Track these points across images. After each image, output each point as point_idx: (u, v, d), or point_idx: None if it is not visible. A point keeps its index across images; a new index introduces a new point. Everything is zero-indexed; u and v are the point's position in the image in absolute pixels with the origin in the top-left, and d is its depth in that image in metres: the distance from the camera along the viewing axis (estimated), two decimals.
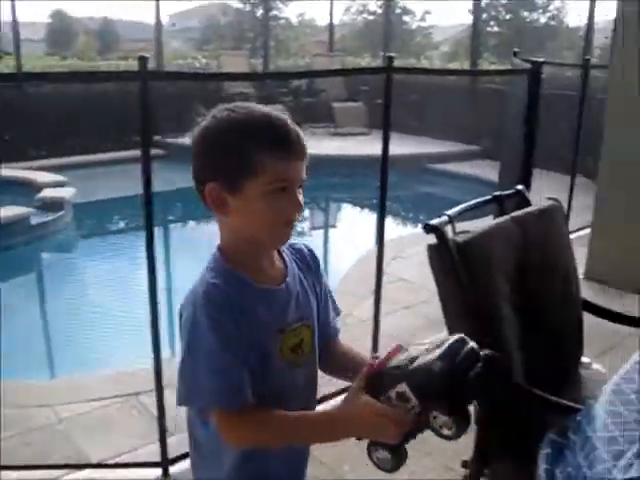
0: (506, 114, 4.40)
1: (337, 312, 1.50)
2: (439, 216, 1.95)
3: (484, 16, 20.79)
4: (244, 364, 1.23)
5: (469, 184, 8.46)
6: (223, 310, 1.23)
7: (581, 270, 4.82)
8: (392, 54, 3.04)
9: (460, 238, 1.88)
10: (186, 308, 1.26)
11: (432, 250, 1.88)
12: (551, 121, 6.60)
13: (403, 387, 1.21)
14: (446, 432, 1.20)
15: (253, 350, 1.26)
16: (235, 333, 1.23)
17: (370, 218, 7.68)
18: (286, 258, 1.38)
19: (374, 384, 1.25)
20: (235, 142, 1.23)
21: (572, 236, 5.62)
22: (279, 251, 1.38)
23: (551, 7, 21.41)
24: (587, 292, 4.48)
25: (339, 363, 1.46)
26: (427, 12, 26.50)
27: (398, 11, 22.69)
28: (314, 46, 17.91)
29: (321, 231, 8.99)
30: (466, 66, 11.39)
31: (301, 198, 1.28)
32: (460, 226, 1.99)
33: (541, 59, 3.80)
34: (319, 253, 1.48)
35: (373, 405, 1.23)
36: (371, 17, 23.51)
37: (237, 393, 1.22)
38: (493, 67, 13.50)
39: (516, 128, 4.02)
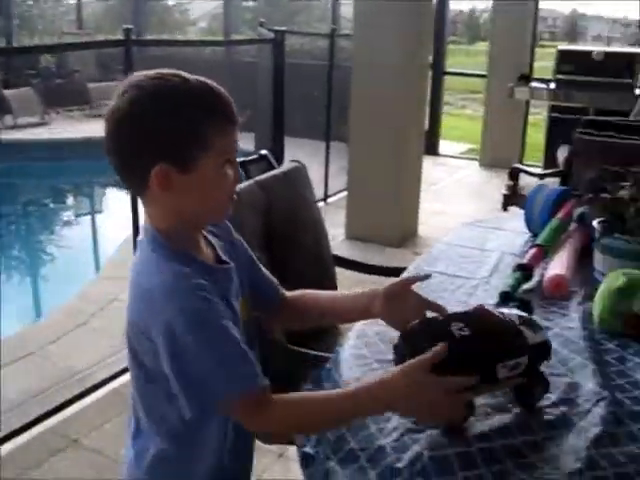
0: (257, 85, 4.47)
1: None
2: None
3: None
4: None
5: None
6: (205, 293, 1.11)
7: (342, 230, 5.07)
8: (129, 26, 2.95)
9: None
10: (159, 311, 1.10)
11: None
12: (307, 90, 6.81)
13: None
14: None
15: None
16: (227, 313, 1.15)
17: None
18: (208, 236, 1.27)
19: None
20: (183, 113, 1.10)
21: (333, 199, 5.92)
22: None
23: None
24: (350, 250, 4.78)
25: (331, 310, 1.43)
26: None
27: None
28: (63, 24, 16.99)
29: (87, 217, 8.67)
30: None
31: None
32: None
33: (283, 28, 3.87)
34: (86, 240, 1.40)
35: (435, 380, 1.12)
36: None
37: (259, 373, 1.13)
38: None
39: (266, 98, 4.10)
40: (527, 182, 4.02)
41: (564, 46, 7.32)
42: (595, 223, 1.78)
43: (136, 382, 1.24)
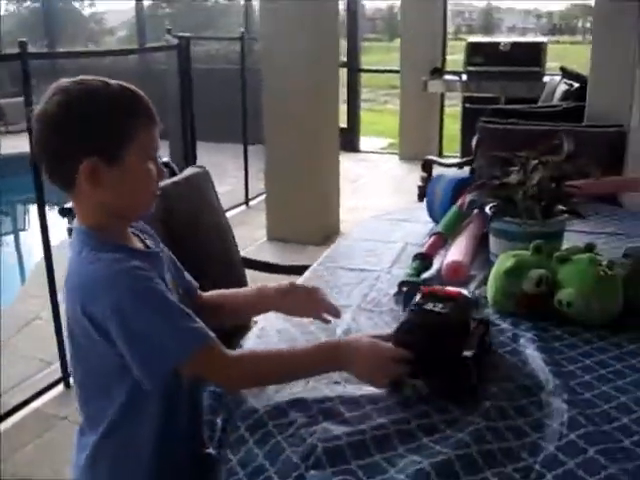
0: (168, 92, 4.42)
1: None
2: None
3: None
4: None
5: None
6: (141, 271, 1.19)
7: (264, 232, 5.06)
8: (24, 39, 2.88)
9: None
10: (102, 296, 1.15)
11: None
12: (224, 95, 6.77)
13: None
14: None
15: None
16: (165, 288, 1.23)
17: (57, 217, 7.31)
18: (136, 232, 1.36)
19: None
20: (107, 112, 1.21)
21: (254, 201, 5.89)
22: None
23: None
24: (271, 251, 4.79)
25: (237, 305, 1.53)
26: None
27: None
28: None
29: (11, 236, 8.44)
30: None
31: None
32: None
33: (188, 34, 3.85)
34: (9, 261, 1.40)
35: (382, 343, 1.27)
36: (36, 4, 22.13)
37: (208, 330, 1.21)
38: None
39: (178, 105, 4.07)
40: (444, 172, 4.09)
41: (473, 39, 7.50)
42: (487, 208, 1.83)
43: (81, 376, 1.30)
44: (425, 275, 1.81)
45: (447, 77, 7.03)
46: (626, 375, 1.32)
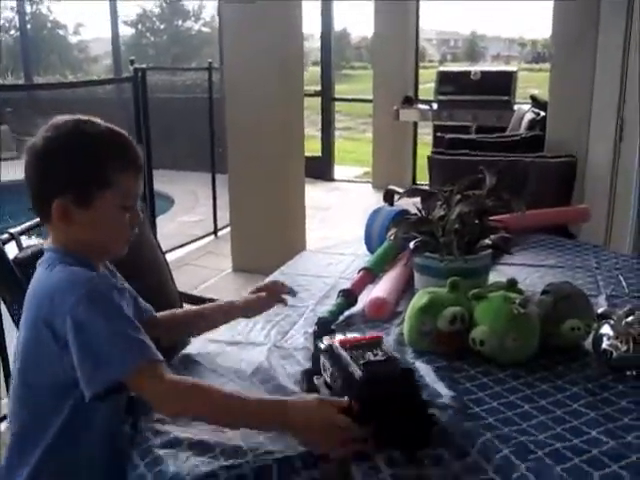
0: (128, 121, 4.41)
1: None
2: None
3: (140, 27, 20.83)
4: None
5: None
6: (102, 283, 1.25)
7: (229, 264, 5.02)
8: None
9: (21, 255, 1.80)
10: (62, 302, 1.18)
11: None
12: (195, 123, 6.78)
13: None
14: None
15: None
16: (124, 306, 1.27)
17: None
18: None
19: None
20: (89, 155, 1.25)
21: (222, 232, 5.86)
22: None
23: (204, 14, 21.97)
24: (234, 282, 4.74)
25: (184, 323, 1.62)
26: (80, 25, 25.58)
27: (49, 25, 21.69)
28: None
29: None
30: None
31: None
32: None
33: (143, 66, 3.84)
34: None
35: (337, 417, 1.14)
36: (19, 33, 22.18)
37: (154, 348, 1.21)
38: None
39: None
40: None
41: (443, 67, 7.55)
42: (411, 243, 1.80)
43: (24, 393, 1.29)
44: (349, 312, 1.77)
45: (419, 106, 7.05)
46: (532, 417, 1.28)
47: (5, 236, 1.88)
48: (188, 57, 20.02)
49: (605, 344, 1.47)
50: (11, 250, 1.83)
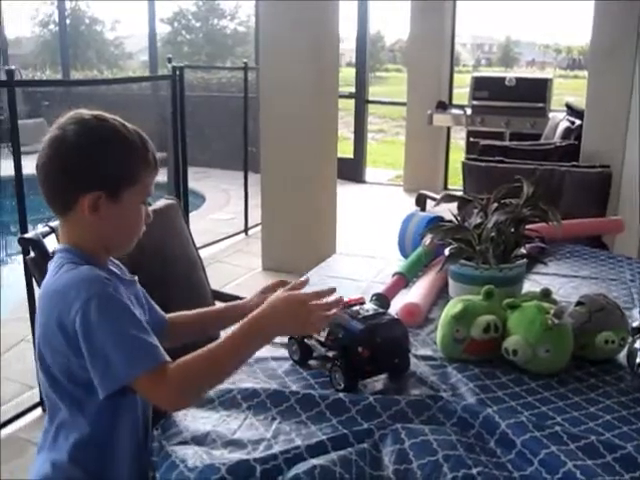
0: (169, 119, 4.45)
1: None
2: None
3: (175, 25, 20.99)
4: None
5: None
6: (112, 283, 1.25)
7: (259, 263, 5.04)
8: (12, 67, 2.90)
9: None
10: (72, 301, 1.19)
11: (32, 263, 1.83)
12: (231, 122, 6.82)
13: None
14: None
15: None
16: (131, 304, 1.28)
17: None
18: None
19: None
20: (121, 153, 1.30)
21: (253, 230, 5.88)
22: None
23: (240, 14, 22.10)
24: (264, 281, 4.75)
25: (205, 323, 1.62)
26: (117, 21, 25.82)
27: (87, 21, 21.93)
28: None
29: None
30: (163, 71, 11.24)
31: None
32: None
33: (181, 64, 3.87)
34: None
35: (289, 294, 1.35)
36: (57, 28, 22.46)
37: (162, 349, 1.23)
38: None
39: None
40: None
41: (477, 73, 7.50)
42: (447, 250, 1.81)
43: (54, 386, 1.30)
44: None
45: (452, 111, 7.03)
46: (563, 429, 1.28)
47: (46, 229, 1.91)
48: (222, 55, 20.15)
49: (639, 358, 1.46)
50: (51, 243, 1.87)
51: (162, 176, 5.70)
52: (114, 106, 1.49)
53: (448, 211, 1.95)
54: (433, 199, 4.30)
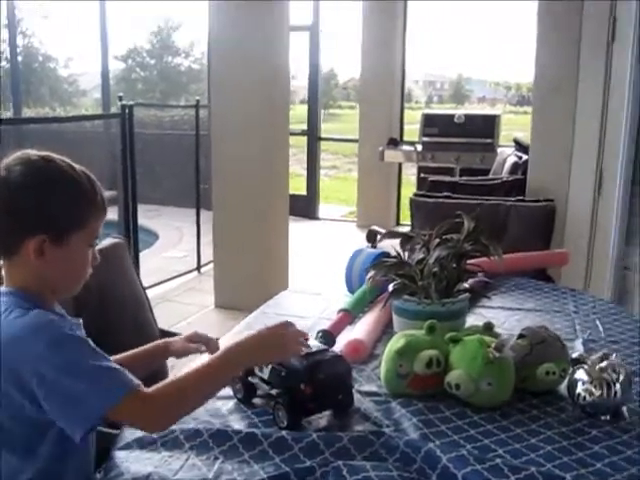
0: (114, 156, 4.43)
1: None
2: None
3: (129, 62, 20.98)
4: None
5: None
6: (65, 324, 1.25)
7: (212, 299, 5.02)
8: None
9: None
10: (27, 350, 1.17)
11: None
12: (181, 159, 6.81)
13: None
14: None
15: None
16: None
17: None
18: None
19: None
20: (70, 195, 1.27)
21: (206, 268, 5.85)
22: None
23: (194, 51, 22.20)
24: (215, 319, 4.74)
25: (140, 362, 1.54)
26: (70, 59, 25.72)
27: (40, 59, 21.81)
28: None
29: None
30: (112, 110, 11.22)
31: None
32: None
33: (131, 102, 3.88)
34: None
35: (267, 327, 1.39)
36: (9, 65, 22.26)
37: (129, 375, 1.22)
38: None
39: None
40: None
41: (428, 110, 7.65)
42: (390, 286, 1.82)
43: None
44: None
45: (404, 147, 7.14)
46: (505, 460, 1.29)
47: None
48: (176, 93, 20.17)
49: (579, 389, 1.48)
50: None
51: (112, 214, 5.67)
52: (66, 144, 1.47)
53: (392, 248, 1.97)
54: (382, 234, 4.34)
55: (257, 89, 4.57)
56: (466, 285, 1.83)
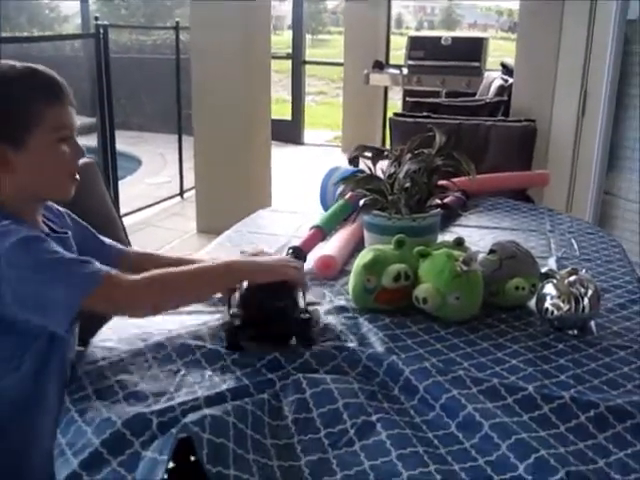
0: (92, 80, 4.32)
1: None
2: None
3: None
4: None
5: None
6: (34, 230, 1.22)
7: (194, 225, 4.99)
8: None
9: None
10: None
11: None
12: (164, 84, 6.67)
13: None
14: None
15: None
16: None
17: None
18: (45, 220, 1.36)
19: None
20: (12, 95, 1.21)
21: (189, 193, 5.81)
22: None
23: None
24: (198, 244, 4.72)
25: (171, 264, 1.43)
26: None
27: None
28: None
29: None
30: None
31: None
32: None
33: (106, 22, 3.75)
34: None
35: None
36: None
37: (98, 264, 1.20)
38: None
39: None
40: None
41: (414, 33, 7.49)
42: (360, 201, 1.79)
43: None
44: None
45: (389, 70, 7.00)
46: (469, 374, 1.28)
47: None
48: (162, 17, 19.69)
49: (548, 303, 1.47)
50: None
51: (93, 141, 5.59)
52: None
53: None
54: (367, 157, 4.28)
55: (237, 13, 4.43)
56: (438, 201, 1.79)
